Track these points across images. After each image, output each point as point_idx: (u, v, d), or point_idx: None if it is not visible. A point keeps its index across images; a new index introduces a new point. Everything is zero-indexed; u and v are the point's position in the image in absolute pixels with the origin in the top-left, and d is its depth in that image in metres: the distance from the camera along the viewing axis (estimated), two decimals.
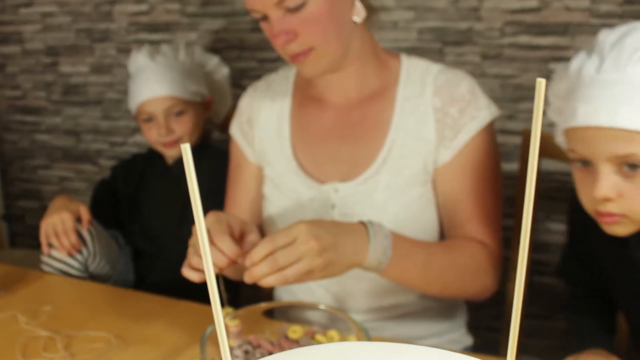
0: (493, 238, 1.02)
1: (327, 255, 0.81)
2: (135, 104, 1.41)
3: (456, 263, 0.96)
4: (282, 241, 0.79)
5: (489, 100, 1.04)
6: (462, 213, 1.02)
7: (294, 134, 1.10)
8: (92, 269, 1.32)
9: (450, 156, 1.01)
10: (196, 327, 1.02)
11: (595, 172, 0.81)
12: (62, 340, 1.00)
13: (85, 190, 2.22)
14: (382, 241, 0.86)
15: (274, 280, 0.79)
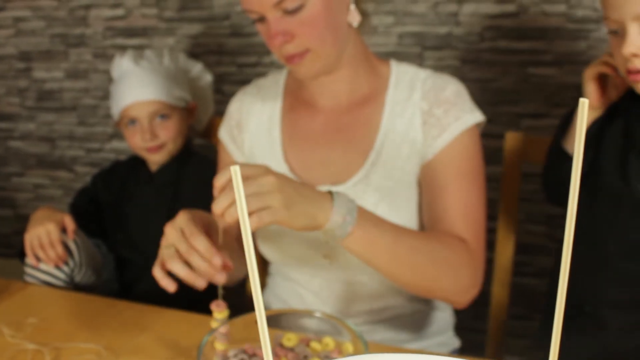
0: (474, 237, 1.00)
1: (286, 191, 0.79)
2: (119, 108, 1.39)
3: (430, 248, 0.92)
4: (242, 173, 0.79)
5: (475, 106, 1.05)
6: (442, 210, 1.02)
7: (284, 138, 1.10)
8: (78, 280, 1.30)
9: (433, 154, 1.02)
10: (187, 336, 1.02)
11: (624, 34, 0.93)
12: (50, 352, 0.98)
13: (60, 197, 2.18)
14: (345, 201, 0.84)
15: (234, 210, 0.78)
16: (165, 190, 1.42)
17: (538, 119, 1.62)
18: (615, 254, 1.02)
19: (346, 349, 0.85)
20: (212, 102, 1.55)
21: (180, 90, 1.41)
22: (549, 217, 1.65)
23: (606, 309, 1.03)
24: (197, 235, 0.82)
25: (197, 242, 0.82)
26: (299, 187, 0.82)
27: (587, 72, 1.05)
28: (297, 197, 0.80)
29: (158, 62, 1.42)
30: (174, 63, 1.45)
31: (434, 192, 1.03)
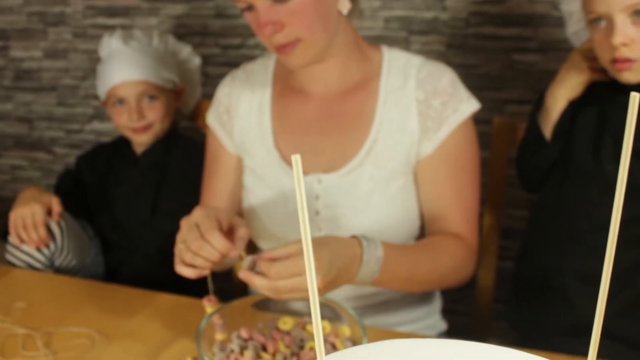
0: (471, 230, 1.05)
1: (326, 290, 0.82)
2: (106, 87, 1.38)
3: (439, 266, 0.99)
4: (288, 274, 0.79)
5: (469, 93, 1.06)
6: (442, 206, 1.04)
7: (275, 124, 1.10)
8: (58, 264, 1.29)
9: (432, 148, 1.03)
10: (179, 320, 1.02)
11: (612, 25, 0.96)
12: (41, 337, 0.97)
13: (39, 179, 2.15)
14: (372, 267, 0.87)
15: (267, 294, 0.82)
16: (152, 173, 1.41)
17: (522, 105, 1.63)
18: (584, 229, 1.06)
19: (343, 332, 0.86)
20: (199, 85, 1.54)
21: (169, 72, 1.40)
22: (530, 202, 1.67)
23: (574, 283, 1.07)
24: (212, 231, 0.83)
25: (212, 239, 0.83)
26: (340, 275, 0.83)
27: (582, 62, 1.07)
28: (332, 288, 0.84)
29: (147, 43, 1.41)
30: (163, 44, 1.44)
31: (433, 188, 1.04)
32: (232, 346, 0.83)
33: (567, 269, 1.07)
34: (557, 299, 1.08)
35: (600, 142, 1.05)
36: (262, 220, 1.09)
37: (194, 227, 0.84)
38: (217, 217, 0.86)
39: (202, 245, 0.82)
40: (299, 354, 0.84)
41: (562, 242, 1.09)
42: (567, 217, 1.09)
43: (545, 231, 1.13)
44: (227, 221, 0.88)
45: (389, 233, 1.04)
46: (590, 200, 1.05)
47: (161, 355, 0.93)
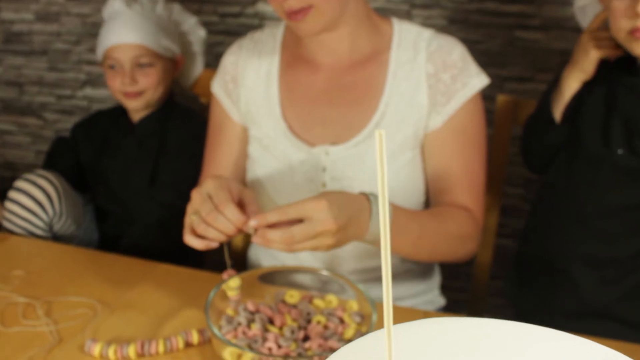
0: (477, 206, 1.04)
1: (339, 236, 0.81)
2: (103, 48, 1.35)
3: (446, 233, 0.98)
4: (297, 214, 0.79)
5: (479, 68, 1.05)
6: (449, 179, 1.04)
7: (282, 94, 1.08)
8: (57, 228, 1.27)
9: (441, 122, 1.02)
10: (181, 291, 1.01)
11: None
12: (42, 306, 0.96)
13: (28, 145, 2.11)
14: None
15: (282, 248, 0.79)
16: (149, 142, 1.39)
17: (522, 83, 1.63)
18: (592, 213, 1.06)
19: (350, 306, 0.86)
20: (202, 59, 1.51)
21: (169, 40, 1.37)
22: (527, 180, 1.68)
23: (579, 266, 1.08)
24: (227, 203, 0.81)
25: (227, 211, 0.81)
26: (351, 222, 0.82)
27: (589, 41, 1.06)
28: (344, 237, 0.83)
29: (150, 8, 1.37)
30: (167, 12, 1.40)
31: (440, 161, 1.04)
32: (239, 319, 0.83)
33: (573, 252, 1.08)
34: (561, 281, 1.09)
35: (609, 125, 1.05)
36: (268, 191, 1.08)
37: (207, 198, 0.82)
38: (229, 188, 0.84)
39: (217, 217, 0.81)
40: (307, 327, 0.83)
41: (569, 224, 1.09)
42: (575, 200, 1.09)
43: (552, 213, 1.13)
44: (238, 193, 0.86)
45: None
46: (599, 184, 1.05)
47: (164, 326, 0.92)
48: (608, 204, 1.05)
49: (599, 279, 1.07)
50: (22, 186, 1.23)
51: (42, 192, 1.23)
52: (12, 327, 0.91)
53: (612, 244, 1.06)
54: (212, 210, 0.82)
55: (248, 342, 0.79)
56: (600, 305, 1.07)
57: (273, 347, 0.78)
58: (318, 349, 0.79)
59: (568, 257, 1.09)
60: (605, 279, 1.07)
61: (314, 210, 0.78)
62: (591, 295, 1.06)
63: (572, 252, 1.08)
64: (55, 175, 1.27)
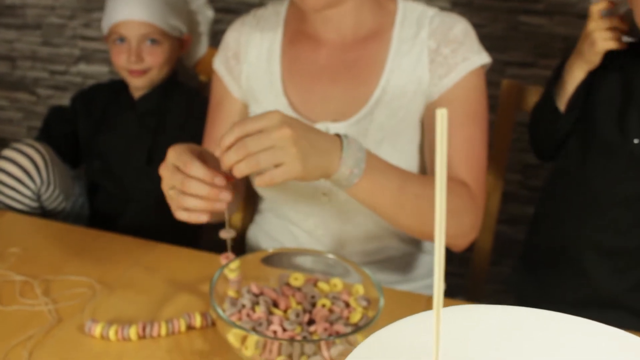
0: (476, 182, 1.00)
1: (301, 144, 0.75)
2: (110, 22, 1.32)
3: (434, 194, 0.93)
4: (253, 127, 0.74)
5: (482, 47, 1.04)
6: (448, 153, 1.01)
7: (284, 71, 1.07)
8: (45, 199, 1.25)
9: (438, 93, 1.01)
10: (181, 271, 0.99)
11: None
12: (39, 285, 0.94)
13: (20, 120, 2.07)
14: (355, 151, 0.81)
15: (245, 166, 0.74)
16: (148, 119, 1.36)
17: (524, 68, 1.62)
18: (605, 203, 1.05)
19: (356, 290, 0.85)
20: (208, 39, 1.48)
21: (177, 19, 1.34)
22: (525, 166, 1.68)
23: (590, 255, 1.07)
24: (191, 162, 0.76)
25: (193, 170, 0.76)
26: (313, 136, 0.77)
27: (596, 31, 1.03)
28: (310, 149, 0.76)
29: None
30: None
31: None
32: (244, 301, 0.82)
33: (585, 241, 1.07)
34: (571, 270, 1.09)
35: (626, 114, 1.03)
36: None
37: (174, 169, 0.79)
38: (190, 150, 0.81)
39: (188, 181, 0.76)
40: (312, 311, 0.82)
41: (581, 213, 1.08)
42: (588, 189, 1.07)
43: (564, 202, 1.12)
44: (199, 153, 0.81)
45: None
46: (612, 173, 1.04)
47: (164, 307, 0.91)
48: (621, 193, 1.04)
49: (610, 268, 1.07)
50: (9, 155, 1.21)
51: (29, 161, 1.21)
52: (9, 305, 0.89)
53: (624, 234, 1.05)
54: (183, 177, 0.78)
55: (252, 324, 0.78)
56: (610, 294, 1.07)
57: (278, 330, 0.77)
58: (323, 332, 0.78)
59: (579, 246, 1.08)
60: (616, 269, 1.06)
61: (268, 119, 0.74)
62: (601, 284, 1.06)
63: (584, 241, 1.08)
64: (43, 145, 1.25)
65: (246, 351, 0.74)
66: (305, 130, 0.77)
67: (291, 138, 0.74)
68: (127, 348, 0.82)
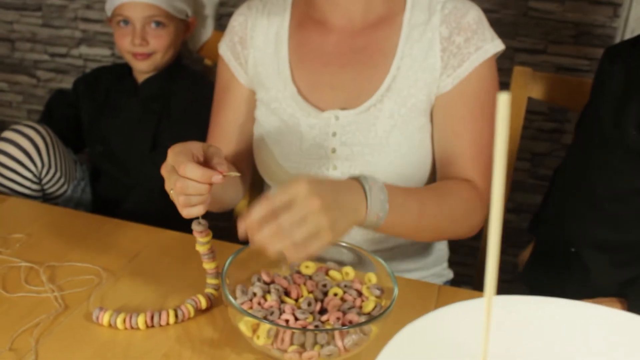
0: (483, 179, 1.00)
1: (332, 213, 0.73)
2: (113, 4, 1.30)
3: (449, 209, 0.94)
4: (282, 201, 0.71)
5: (494, 34, 1.02)
6: (456, 147, 1.00)
7: (292, 56, 1.04)
8: (46, 182, 1.23)
9: (452, 85, 0.99)
10: (188, 259, 0.97)
11: None
12: (45, 271, 0.92)
13: (20, 103, 2.05)
14: (378, 194, 0.81)
15: (278, 243, 0.71)
16: (152, 104, 1.34)
17: (533, 55, 1.60)
18: (603, 197, 1.04)
19: (369, 279, 0.83)
20: (213, 23, 1.45)
21: (182, 1, 1.31)
22: (534, 155, 1.66)
23: (591, 250, 1.06)
24: (184, 164, 0.74)
25: (187, 171, 0.74)
26: (340, 198, 0.76)
27: None
28: (340, 214, 0.75)
29: None
30: None
31: (448, 127, 1.00)
32: (255, 289, 0.80)
33: (584, 235, 1.06)
34: (574, 266, 1.07)
35: (624, 106, 1.01)
36: (275, 156, 1.04)
37: (171, 170, 0.77)
38: (190, 149, 0.78)
39: (184, 183, 0.75)
40: (324, 300, 0.81)
41: (581, 208, 1.07)
42: (587, 183, 1.06)
43: (566, 197, 1.11)
44: (202, 150, 0.80)
45: (404, 174, 1.01)
46: (611, 167, 1.03)
47: (171, 294, 0.89)
48: (619, 187, 1.03)
49: (609, 263, 1.05)
50: (9, 136, 1.19)
51: (30, 142, 1.19)
52: (15, 292, 0.87)
53: (623, 228, 1.04)
54: (177, 179, 0.76)
55: (264, 313, 0.77)
56: (610, 289, 1.06)
57: (290, 319, 0.76)
58: (336, 322, 0.76)
59: (580, 241, 1.07)
60: (616, 263, 1.05)
61: (295, 190, 0.71)
62: (601, 279, 1.04)
63: (584, 235, 1.06)
64: (44, 126, 1.23)
65: (258, 340, 0.73)
66: (333, 194, 0.74)
67: (321, 209, 0.71)
68: (135, 337, 0.80)
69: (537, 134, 1.65)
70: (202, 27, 1.44)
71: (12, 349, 0.76)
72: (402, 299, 0.83)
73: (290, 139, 1.03)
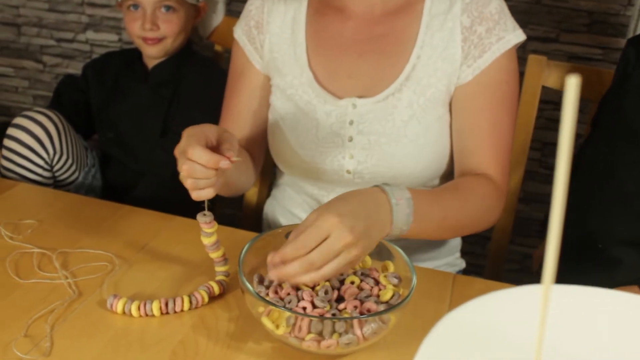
0: (502, 172, 1.00)
1: (362, 244, 0.73)
2: None
3: (470, 210, 0.94)
4: (315, 242, 0.71)
5: (516, 23, 1.00)
6: (475, 139, 0.99)
7: (309, 42, 1.03)
8: (57, 169, 1.22)
9: (472, 75, 0.97)
10: (200, 246, 0.96)
11: None
12: (57, 258, 0.92)
13: (26, 89, 2.03)
14: (404, 210, 0.81)
15: (310, 280, 0.72)
16: (162, 90, 1.32)
17: (545, 43, 1.58)
18: (633, 193, 1.03)
19: (385, 267, 0.83)
20: (224, 7, 1.43)
21: None
22: (545, 144, 1.65)
23: (619, 247, 1.05)
24: (193, 148, 0.74)
25: (196, 155, 0.74)
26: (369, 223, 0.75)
27: None
28: (369, 241, 0.75)
29: None
30: None
31: (467, 119, 0.99)
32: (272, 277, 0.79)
33: (613, 231, 1.05)
34: (598, 261, 1.06)
35: None
36: (291, 144, 1.03)
37: (182, 153, 0.77)
38: (203, 132, 0.78)
39: (191, 166, 0.74)
40: (340, 288, 0.80)
41: (608, 204, 1.05)
42: (615, 179, 1.04)
43: (591, 193, 1.09)
44: (216, 134, 0.79)
45: (422, 165, 1.00)
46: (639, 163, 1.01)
47: (185, 281, 0.88)
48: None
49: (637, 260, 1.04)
50: (22, 123, 1.17)
51: (41, 129, 1.17)
52: (28, 278, 0.86)
53: None
54: (184, 162, 0.75)
55: (282, 302, 0.76)
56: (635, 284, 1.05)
57: (308, 307, 0.75)
58: (354, 310, 0.76)
59: (607, 237, 1.05)
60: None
61: (326, 227, 0.71)
62: (630, 275, 1.03)
63: (612, 231, 1.05)
64: (57, 113, 1.21)
65: (277, 330, 0.72)
66: (363, 222, 0.74)
67: (353, 244, 0.72)
68: (150, 324, 0.80)
69: (547, 124, 1.64)
70: (213, 12, 1.42)
71: (28, 335, 0.75)
72: (418, 288, 0.83)
73: (306, 126, 1.02)
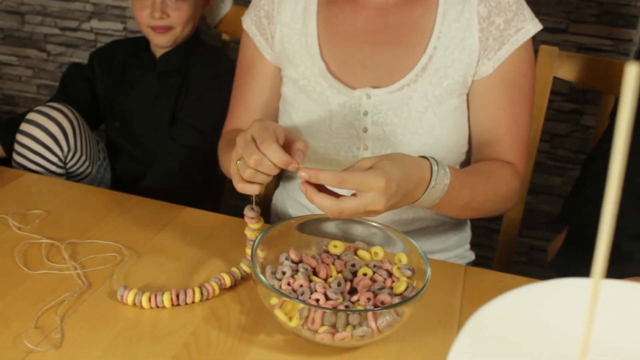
0: (521, 160, 1.01)
1: (389, 208, 0.76)
2: None
3: (495, 194, 0.94)
4: (354, 186, 0.73)
5: (532, 13, 0.99)
6: (496, 131, 0.99)
7: (321, 32, 1.01)
8: (71, 165, 1.21)
9: (492, 69, 0.96)
10: (211, 237, 0.96)
11: None
12: (66, 248, 0.91)
13: (29, 78, 2.02)
14: (436, 194, 0.82)
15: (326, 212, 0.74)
16: (170, 79, 1.31)
17: (555, 34, 1.57)
18: None
19: (398, 259, 0.82)
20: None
21: None
22: (553, 136, 1.64)
23: (631, 241, 1.04)
24: (269, 142, 0.74)
25: (268, 151, 0.74)
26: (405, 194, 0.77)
27: None
28: (397, 206, 0.78)
29: None
30: None
31: (487, 112, 0.99)
32: (284, 269, 0.78)
33: (624, 225, 1.03)
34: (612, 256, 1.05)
35: None
36: (303, 135, 1.02)
37: (250, 141, 0.76)
38: (274, 129, 0.78)
39: (261, 159, 0.74)
40: (353, 280, 0.79)
41: (622, 199, 1.04)
42: (630, 174, 1.03)
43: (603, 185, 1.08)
44: (284, 134, 0.80)
45: (438, 156, 0.97)
46: None
47: (196, 273, 0.88)
48: None
49: None
50: (35, 119, 1.16)
51: (57, 126, 1.16)
52: (37, 269, 0.86)
53: None
54: (255, 152, 0.75)
55: (294, 294, 0.75)
56: None
57: (321, 299, 0.74)
58: (367, 302, 0.75)
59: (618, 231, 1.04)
60: None
61: (370, 189, 0.72)
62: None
63: (623, 225, 1.04)
64: (71, 109, 1.20)
65: (291, 322, 0.71)
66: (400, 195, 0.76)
67: (383, 209, 0.75)
68: (161, 315, 0.79)
69: (556, 115, 1.63)
70: (221, 1, 1.41)
71: (38, 327, 0.75)
72: (432, 280, 0.82)
73: (319, 118, 1.01)
